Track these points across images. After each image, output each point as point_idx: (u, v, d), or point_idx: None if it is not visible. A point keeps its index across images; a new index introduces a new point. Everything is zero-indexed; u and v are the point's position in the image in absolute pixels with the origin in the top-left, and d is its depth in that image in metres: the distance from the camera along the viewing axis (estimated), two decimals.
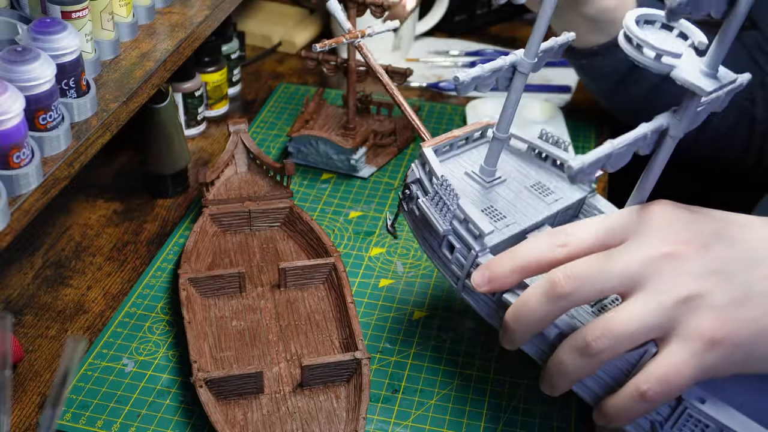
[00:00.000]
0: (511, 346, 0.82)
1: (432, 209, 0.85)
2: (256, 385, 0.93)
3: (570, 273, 0.75)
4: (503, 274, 0.80)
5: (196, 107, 1.35)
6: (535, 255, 0.79)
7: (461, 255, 0.84)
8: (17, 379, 0.97)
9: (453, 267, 0.85)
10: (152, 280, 1.10)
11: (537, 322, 0.78)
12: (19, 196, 0.80)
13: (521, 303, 0.78)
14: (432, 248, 0.88)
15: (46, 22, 0.86)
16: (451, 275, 0.86)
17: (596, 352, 0.74)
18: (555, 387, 0.80)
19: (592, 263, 0.75)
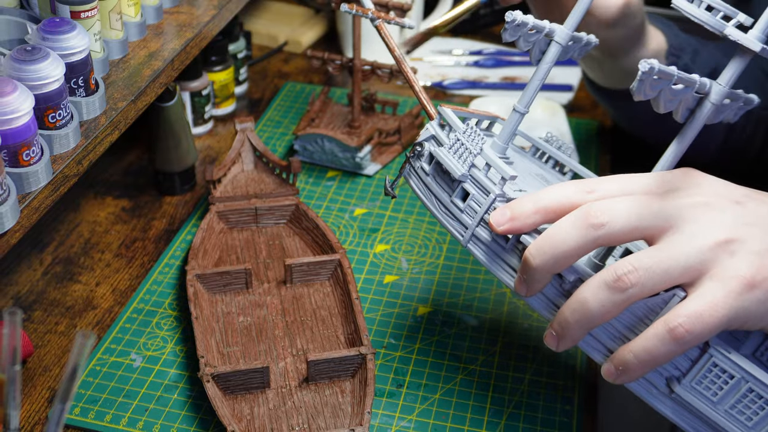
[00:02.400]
0: (527, 290, 0.75)
1: (449, 156, 0.79)
2: (262, 379, 0.94)
3: (605, 206, 0.71)
4: (525, 213, 0.74)
5: (204, 106, 1.36)
6: (560, 197, 0.74)
7: (476, 202, 0.78)
8: (27, 374, 0.98)
9: (464, 216, 0.79)
10: (160, 277, 1.11)
11: (564, 255, 0.72)
12: (29, 193, 0.80)
13: (549, 234, 0.72)
14: (440, 201, 0.82)
15: (56, 21, 0.87)
16: (459, 226, 0.80)
17: (627, 286, 0.69)
18: (565, 336, 0.73)
19: (628, 201, 0.71)
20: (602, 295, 0.70)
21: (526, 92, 0.83)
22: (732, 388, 0.71)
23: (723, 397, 0.71)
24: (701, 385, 0.71)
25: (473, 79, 1.53)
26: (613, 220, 0.70)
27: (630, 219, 0.70)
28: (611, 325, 0.73)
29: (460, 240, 0.80)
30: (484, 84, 1.51)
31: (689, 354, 0.72)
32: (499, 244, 0.77)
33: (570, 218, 0.72)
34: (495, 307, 1.07)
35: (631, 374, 0.71)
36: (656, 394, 0.73)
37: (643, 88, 0.71)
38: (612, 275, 0.69)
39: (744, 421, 0.70)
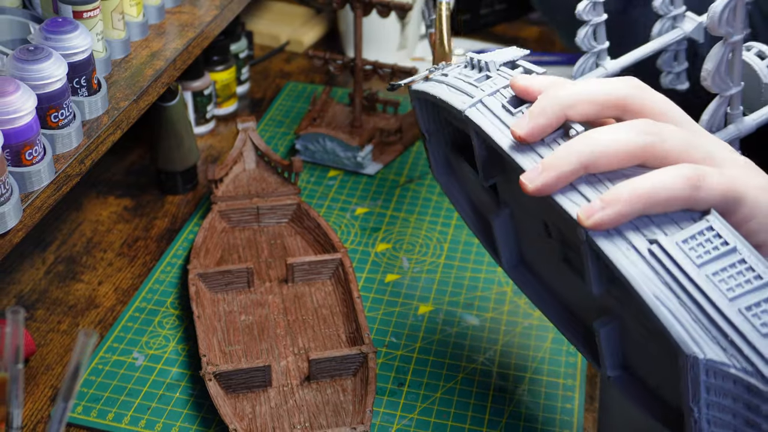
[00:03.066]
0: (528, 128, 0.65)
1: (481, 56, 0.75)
2: (264, 378, 0.94)
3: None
4: (549, 80, 0.68)
5: (205, 105, 1.36)
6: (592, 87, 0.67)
7: (495, 82, 0.72)
8: (29, 372, 0.98)
9: (477, 90, 0.72)
10: (162, 276, 1.11)
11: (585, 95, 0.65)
12: (32, 192, 0.80)
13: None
14: (453, 86, 0.75)
15: (58, 21, 0.87)
16: (466, 96, 0.72)
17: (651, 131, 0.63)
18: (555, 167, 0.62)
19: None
20: (618, 133, 0.63)
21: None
22: (722, 255, 0.62)
23: (710, 261, 0.62)
24: (687, 245, 0.62)
25: None
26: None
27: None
28: (599, 179, 0.64)
29: (460, 106, 0.71)
30: None
31: (680, 222, 0.63)
32: (508, 111, 0.70)
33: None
34: (496, 306, 1.07)
35: (617, 208, 0.61)
36: (626, 249, 0.62)
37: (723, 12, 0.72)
38: (639, 120, 0.64)
39: (725, 290, 0.60)
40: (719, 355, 0.57)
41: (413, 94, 0.81)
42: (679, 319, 0.58)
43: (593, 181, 0.63)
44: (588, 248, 0.63)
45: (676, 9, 0.90)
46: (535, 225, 0.75)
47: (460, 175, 0.86)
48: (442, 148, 0.86)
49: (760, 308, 0.59)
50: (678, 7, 0.90)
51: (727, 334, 0.58)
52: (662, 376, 0.67)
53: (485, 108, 0.70)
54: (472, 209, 0.86)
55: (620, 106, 0.65)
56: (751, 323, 0.58)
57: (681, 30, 0.89)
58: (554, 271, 0.77)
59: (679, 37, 0.90)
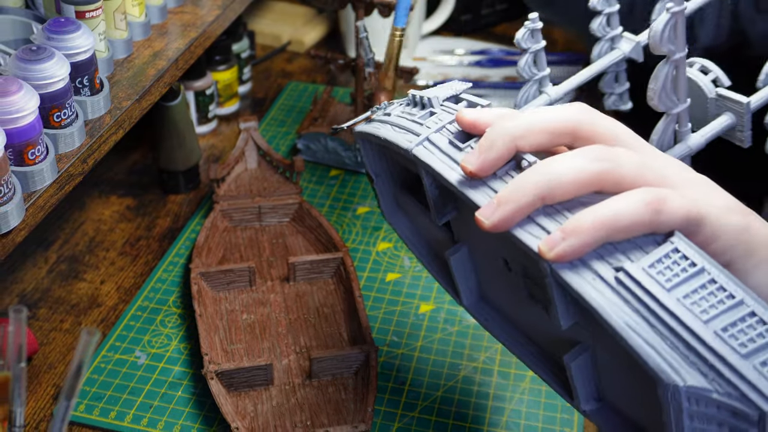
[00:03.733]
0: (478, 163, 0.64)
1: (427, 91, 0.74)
2: (265, 376, 0.95)
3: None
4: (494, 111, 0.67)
5: (207, 105, 1.36)
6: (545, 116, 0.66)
7: (440, 118, 0.71)
8: (32, 371, 0.98)
9: (422, 128, 0.70)
10: (164, 275, 1.11)
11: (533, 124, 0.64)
12: (34, 192, 0.81)
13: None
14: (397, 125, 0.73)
15: (61, 21, 0.87)
16: (412, 136, 0.71)
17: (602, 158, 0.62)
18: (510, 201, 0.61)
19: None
20: (573, 162, 0.61)
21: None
22: (691, 277, 0.60)
23: (679, 284, 0.59)
24: (654, 270, 0.60)
25: (475, 78, 1.53)
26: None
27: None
28: (557, 210, 0.62)
29: (406, 146, 0.70)
30: (486, 84, 1.51)
31: (644, 247, 0.61)
32: (456, 147, 0.68)
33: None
34: None
35: (579, 238, 0.59)
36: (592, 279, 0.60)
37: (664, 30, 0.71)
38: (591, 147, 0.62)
39: (698, 313, 0.58)
40: (700, 381, 0.55)
41: (357, 135, 0.79)
42: (655, 347, 0.56)
43: (551, 212, 0.62)
44: (553, 281, 0.61)
45: (614, 30, 0.90)
46: (495, 260, 0.73)
47: (411, 214, 0.84)
48: (391, 188, 0.84)
49: (737, 328, 0.57)
50: (615, 28, 0.90)
51: (705, 358, 0.56)
52: (641, 406, 0.65)
53: (432, 145, 0.69)
54: (427, 249, 0.84)
55: (570, 133, 0.64)
56: (729, 345, 0.56)
57: (620, 51, 0.89)
58: (518, 306, 0.74)
59: (619, 58, 0.89)
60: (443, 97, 0.73)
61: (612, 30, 0.89)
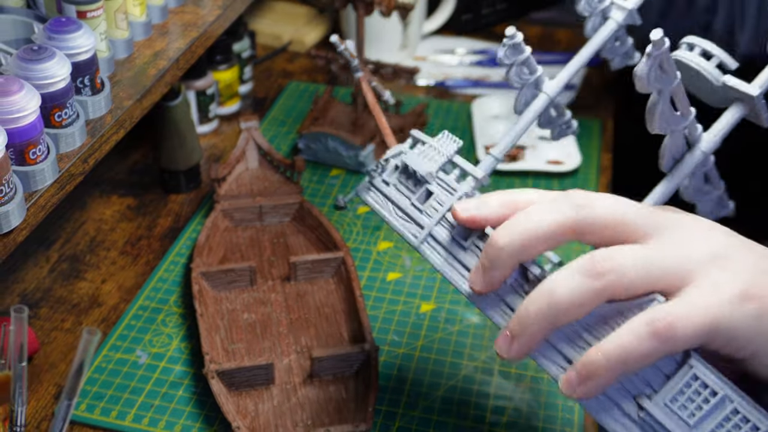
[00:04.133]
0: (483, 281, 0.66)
1: (417, 159, 0.75)
2: (266, 376, 0.95)
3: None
4: (492, 204, 0.68)
5: (208, 105, 1.36)
6: (530, 195, 0.68)
7: (439, 201, 0.73)
8: (33, 370, 0.98)
9: (423, 217, 0.73)
10: (165, 274, 1.11)
11: (536, 237, 0.64)
12: (35, 191, 0.81)
13: (522, 215, 0.65)
14: (398, 206, 0.76)
15: (62, 21, 0.87)
16: (415, 227, 0.74)
17: (604, 271, 0.61)
18: (522, 334, 0.63)
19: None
20: (574, 283, 0.61)
21: (503, 140, 0.81)
22: (713, 408, 0.61)
23: (702, 419, 0.61)
24: (676, 404, 0.61)
25: (476, 78, 1.53)
26: (597, 204, 0.64)
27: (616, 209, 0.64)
28: (574, 330, 0.64)
29: (413, 241, 0.73)
30: (487, 83, 1.51)
31: (664, 368, 0.62)
32: (458, 244, 0.71)
33: (550, 201, 0.65)
34: None
35: (596, 381, 0.61)
36: (619, 417, 0.62)
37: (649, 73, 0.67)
38: (588, 260, 0.61)
39: None
40: None
41: (361, 197, 0.80)
42: None
43: (568, 333, 0.64)
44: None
45: (603, 3, 0.87)
46: None
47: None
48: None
49: None
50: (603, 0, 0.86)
51: None
52: None
53: (436, 243, 0.72)
54: None
55: (571, 233, 0.64)
56: None
57: (614, 21, 0.86)
58: None
59: (615, 28, 0.86)
60: (436, 169, 0.74)
61: (601, 3, 0.86)
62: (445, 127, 1.40)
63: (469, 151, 1.35)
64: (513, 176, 1.29)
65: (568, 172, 1.29)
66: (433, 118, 1.42)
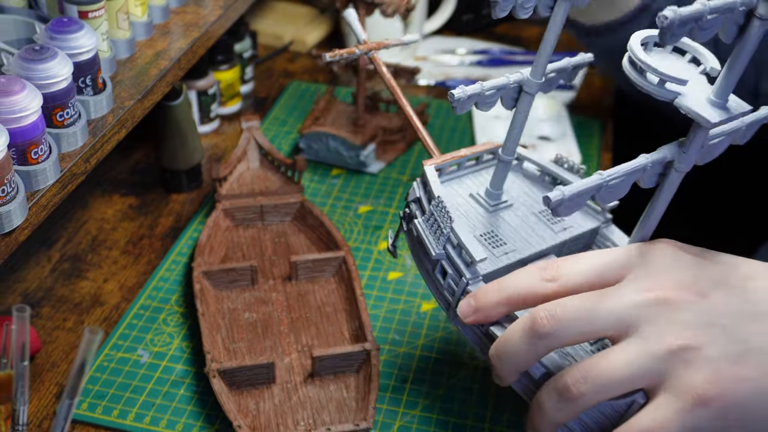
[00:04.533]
0: (500, 383, 0.78)
1: (427, 231, 0.79)
2: (267, 375, 0.95)
3: (553, 312, 0.70)
4: (489, 305, 0.75)
5: (210, 105, 1.37)
6: (521, 288, 0.74)
7: (453, 281, 0.78)
8: (35, 369, 0.99)
9: (444, 293, 0.80)
10: (167, 273, 1.12)
11: (519, 362, 0.73)
12: (37, 191, 0.81)
13: (503, 341, 0.74)
14: (426, 271, 0.82)
15: (63, 21, 0.87)
16: (443, 300, 0.81)
17: (575, 396, 0.69)
18: (537, 429, 0.74)
19: (578, 303, 0.70)
20: (555, 403, 0.71)
21: (508, 140, 0.82)
22: None
23: None
24: None
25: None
26: (561, 330, 0.70)
27: (579, 327, 0.70)
28: (583, 421, 0.73)
29: (446, 314, 0.82)
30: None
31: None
32: (476, 327, 0.78)
33: (519, 326, 0.72)
34: None
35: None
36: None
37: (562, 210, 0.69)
38: (562, 385, 0.71)
39: None
40: None
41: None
42: None
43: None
44: None
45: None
46: None
47: None
48: None
49: None
50: None
51: None
52: None
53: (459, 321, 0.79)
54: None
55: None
56: None
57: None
58: None
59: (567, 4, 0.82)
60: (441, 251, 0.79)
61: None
62: (446, 127, 1.40)
63: None
64: None
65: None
66: (433, 117, 1.43)
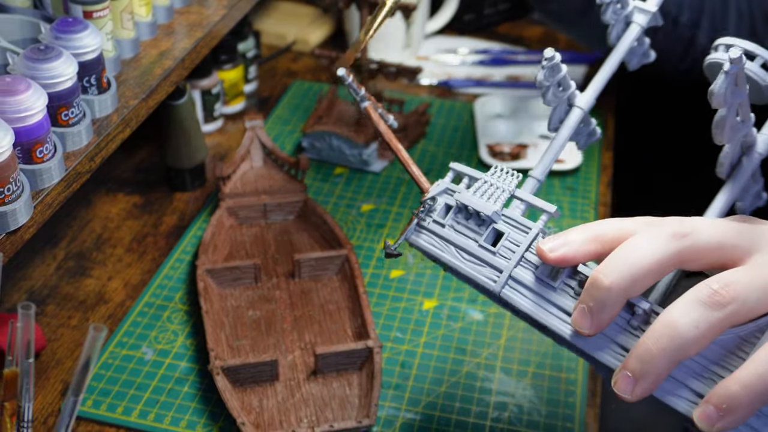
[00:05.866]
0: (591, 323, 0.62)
1: (475, 198, 0.69)
2: (271, 372, 0.96)
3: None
4: (579, 239, 0.64)
5: (213, 104, 1.37)
6: (617, 226, 0.65)
7: (512, 241, 0.67)
8: (40, 367, 0.99)
9: (497, 258, 0.68)
10: (171, 272, 1.12)
11: (643, 271, 0.61)
12: (42, 189, 0.81)
13: (624, 249, 0.62)
14: (463, 250, 0.70)
15: (68, 21, 0.88)
16: (490, 271, 0.68)
17: (726, 301, 0.59)
18: (647, 373, 0.60)
19: (708, 220, 0.63)
20: (696, 314, 0.59)
21: (543, 160, 0.76)
22: None
23: None
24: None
25: (478, 77, 1.54)
26: (698, 230, 0.61)
27: (716, 232, 0.62)
28: (697, 362, 0.61)
29: (492, 286, 0.67)
30: (489, 82, 1.52)
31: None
32: (546, 284, 0.66)
33: (647, 232, 0.62)
34: None
35: (738, 412, 0.58)
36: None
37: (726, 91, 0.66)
38: (707, 290, 0.59)
39: None
40: None
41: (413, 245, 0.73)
42: None
43: (694, 368, 0.61)
44: None
45: (626, 9, 0.84)
46: None
47: None
48: None
49: None
50: (626, 6, 0.84)
51: None
52: None
53: (519, 285, 0.66)
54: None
55: (676, 263, 0.62)
56: None
57: (637, 25, 0.84)
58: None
59: (639, 33, 0.84)
60: (500, 207, 0.69)
61: (624, 9, 0.84)
62: (448, 126, 1.41)
63: (472, 150, 1.35)
64: None
65: (569, 170, 1.30)
66: (435, 117, 1.43)
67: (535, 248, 0.65)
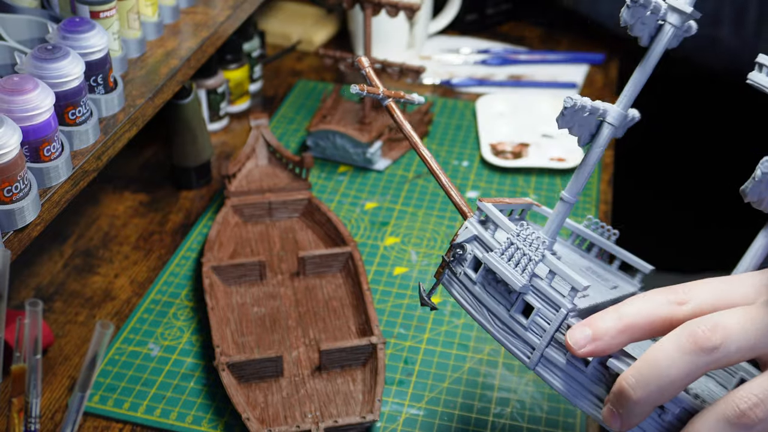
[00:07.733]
0: (621, 425, 0.62)
1: (503, 264, 0.67)
2: (276, 368, 0.96)
3: (714, 324, 0.59)
4: (610, 332, 0.62)
5: (219, 103, 1.38)
6: (648, 312, 0.62)
7: (543, 317, 0.67)
8: (47, 363, 1.00)
9: (528, 334, 0.67)
10: (177, 269, 1.13)
11: (671, 385, 0.59)
12: (50, 187, 0.82)
13: (651, 360, 0.60)
14: (495, 315, 0.69)
15: (75, 21, 0.88)
16: (523, 345, 0.68)
17: (753, 422, 0.58)
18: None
19: (737, 317, 0.60)
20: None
21: (576, 180, 0.71)
22: None
23: None
24: None
25: (480, 77, 1.55)
26: (728, 341, 0.58)
27: (748, 338, 0.59)
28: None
29: (526, 363, 0.67)
30: (491, 82, 1.53)
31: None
32: (577, 368, 0.66)
33: (674, 340, 0.60)
34: None
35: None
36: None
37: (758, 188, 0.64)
38: (734, 410, 0.58)
39: None
40: None
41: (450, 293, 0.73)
42: None
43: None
44: None
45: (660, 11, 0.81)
46: None
47: None
48: None
49: None
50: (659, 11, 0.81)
51: None
52: None
53: (552, 365, 0.67)
54: None
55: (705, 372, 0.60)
56: None
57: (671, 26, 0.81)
58: None
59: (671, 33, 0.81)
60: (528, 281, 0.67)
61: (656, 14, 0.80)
62: (450, 125, 1.41)
63: (474, 149, 1.36)
64: (517, 173, 1.31)
65: (570, 169, 1.30)
66: (438, 116, 1.44)
67: (564, 339, 0.64)
